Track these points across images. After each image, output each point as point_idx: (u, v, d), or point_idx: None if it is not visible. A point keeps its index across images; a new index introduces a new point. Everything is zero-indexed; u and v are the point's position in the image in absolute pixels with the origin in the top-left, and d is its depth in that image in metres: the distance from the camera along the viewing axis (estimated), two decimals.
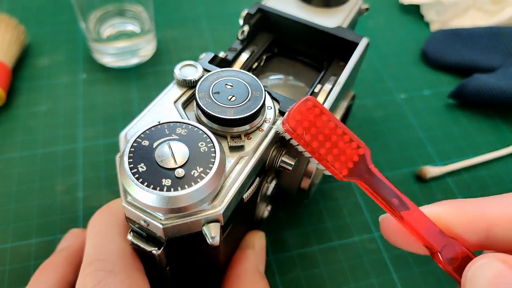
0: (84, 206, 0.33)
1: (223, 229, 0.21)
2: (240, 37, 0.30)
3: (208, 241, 0.19)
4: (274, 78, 0.31)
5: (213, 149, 0.20)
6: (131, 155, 0.19)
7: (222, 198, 0.20)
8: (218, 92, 0.22)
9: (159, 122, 0.21)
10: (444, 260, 0.19)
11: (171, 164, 0.19)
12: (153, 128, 0.20)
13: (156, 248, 0.20)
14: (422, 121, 0.40)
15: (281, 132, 0.22)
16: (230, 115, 0.21)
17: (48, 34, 0.46)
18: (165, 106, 0.23)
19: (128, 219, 0.20)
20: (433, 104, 0.42)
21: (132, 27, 0.43)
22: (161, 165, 0.19)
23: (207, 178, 0.19)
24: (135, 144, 0.19)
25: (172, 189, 0.18)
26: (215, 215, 0.19)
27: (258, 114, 0.22)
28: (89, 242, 0.22)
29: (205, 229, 0.19)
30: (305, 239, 0.32)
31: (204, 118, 0.22)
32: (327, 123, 0.21)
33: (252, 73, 0.27)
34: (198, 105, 0.22)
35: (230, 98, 0.22)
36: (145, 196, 0.18)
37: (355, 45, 0.29)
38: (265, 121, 0.23)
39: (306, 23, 0.30)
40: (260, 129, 0.22)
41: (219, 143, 0.20)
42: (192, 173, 0.19)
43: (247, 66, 0.29)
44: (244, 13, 0.30)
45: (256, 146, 0.22)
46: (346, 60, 0.28)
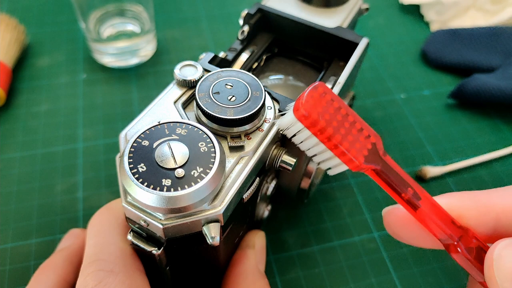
0: (84, 206, 0.33)
1: (223, 229, 0.21)
2: (240, 37, 0.30)
3: (208, 241, 0.19)
4: (274, 78, 0.31)
5: (213, 149, 0.20)
6: (131, 155, 0.19)
7: (222, 198, 0.20)
8: (218, 92, 0.22)
9: (159, 122, 0.21)
10: (464, 250, 0.18)
11: (171, 164, 0.19)
12: (153, 128, 0.20)
13: (156, 248, 0.20)
14: (422, 121, 0.40)
15: (282, 130, 0.21)
16: (230, 115, 0.21)
17: (48, 34, 0.46)
18: (165, 106, 0.23)
19: (128, 219, 0.20)
20: (433, 104, 0.42)
21: (132, 27, 0.43)
22: (161, 165, 0.19)
23: (207, 178, 0.19)
24: (135, 144, 0.19)
25: (172, 189, 0.18)
26: (215, 215, 0.19)
27: (258, 114, 0.22)
28: (89, 242, 0.22)
29: (205, 229, 0.19)
30: (305, 239, 0.32)
31: (204, 118, 0.22)
32: (338, 110, 0.19)
33: (252, 73, 0.27)
34: (198, 105, 0.22)
35: (230, 98, 0.22)
36: (145, 196, 0.18)
37: (355, 45, 0.29)
38: (265, 121, 0.23)
39: (306, 23, 0.30)
40: (260, 129, 0.22)
41: (219, 143, 0.20)
42: (192, 173, 0.19)
43: (247, 66, 0.29)
44: (244, 13, 0.30)
45: (256, 146, 0.22)
46: (346, 60, 0.28)
